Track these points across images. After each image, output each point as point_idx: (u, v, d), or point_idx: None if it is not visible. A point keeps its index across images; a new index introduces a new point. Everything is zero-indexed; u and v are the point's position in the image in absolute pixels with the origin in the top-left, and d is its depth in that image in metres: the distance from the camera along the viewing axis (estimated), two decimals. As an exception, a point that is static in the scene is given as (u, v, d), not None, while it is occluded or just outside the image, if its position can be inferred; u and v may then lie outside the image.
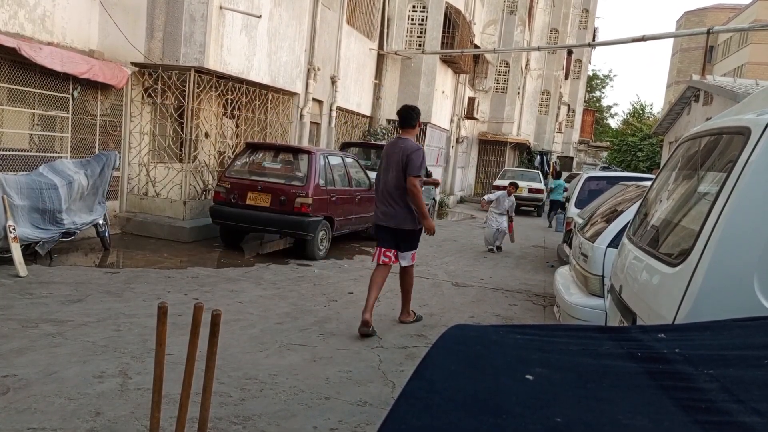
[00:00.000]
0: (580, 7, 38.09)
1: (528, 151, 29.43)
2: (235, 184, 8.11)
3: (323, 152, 8.76)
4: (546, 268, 9.56)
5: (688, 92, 16.50)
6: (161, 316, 2.15)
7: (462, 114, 21.23)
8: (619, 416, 0.88)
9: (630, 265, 3.01)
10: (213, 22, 8.48)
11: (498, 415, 0.89)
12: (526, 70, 28.63)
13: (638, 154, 37.47)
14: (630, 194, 5.78)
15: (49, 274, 6.02)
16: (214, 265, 7.33)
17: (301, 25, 11.18)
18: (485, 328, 1.25)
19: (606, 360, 1.07)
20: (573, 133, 42.42)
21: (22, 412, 3.12)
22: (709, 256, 2.11)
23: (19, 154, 7.21)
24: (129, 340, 4.33)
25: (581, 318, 4.48)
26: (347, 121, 15.05)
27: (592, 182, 10.07)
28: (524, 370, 1.03)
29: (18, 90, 7.01)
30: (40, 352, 3.96)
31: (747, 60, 44.35)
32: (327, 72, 12.99)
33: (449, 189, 20.95)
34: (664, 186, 3.31)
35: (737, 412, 0.87)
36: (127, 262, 7.12)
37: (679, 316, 2.17)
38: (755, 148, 2.11)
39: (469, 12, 19.33)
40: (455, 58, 17.42)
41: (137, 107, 8.98)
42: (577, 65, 40.35)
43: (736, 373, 0.98)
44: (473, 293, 7.25)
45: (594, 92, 58.55)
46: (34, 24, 7.18)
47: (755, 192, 2.09)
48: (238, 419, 3.30)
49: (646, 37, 12.90)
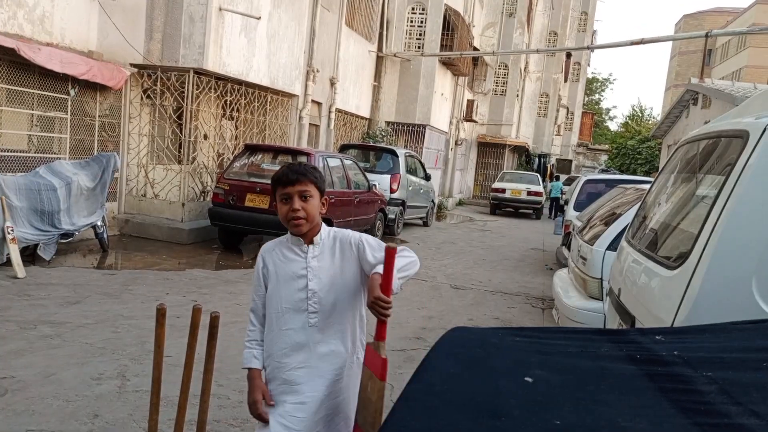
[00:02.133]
0: (579, 10, 38.20)
1: (527, 154, 29.46)
2: (234, 186, 8.11)
3: (322, 154, 8.76)
4: (545, 270, 9.56)
5: (687, 95, 16.54)
6: (160, 318, 2.14)
7: (461, 116, 21.26)
8: (618, 419, 0.88)
9: (629, 268, 3.01)
10: (212, 24, 8.48)
11: (497, 417, 0.89)
12: (525, 73, 28.68)
13: (637, 157, 37.53)
14: (628, 197, 5.78)
15: (48, 276, 6.01)
16: (212, 267, 7.33)
17: (300, 26, 11.19)
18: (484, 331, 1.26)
19: (605, 362, 1.07)
20: (572, 136, 42.51)
21: (20, 413, 3.12)
22: (708, 259, 2.11)
23: (17, 155, 7.21)
24: (127, 342, 4.32)
25: (580, 321, 4.48)
26: (346, 123, 15.07)
27: (591, 185, 10.08)
28: (523, 372, 1.03)
29: (17, 91, 7.01)
30: (38, 353, 3.96)
31: (745, 63, 44.46)
32: (326, 74, 13.01)
33: (448, 191, 20.96)
34: (662, 189, 3.31)
35: (736, 415, 0.87)
36: (125, 264, 7.11)
37: (677, 319, 2.17)
38: (753, 152, 2.12)
39: (468, 14, 19.37)
40: (454, 61, 17.45)
41: (136, 108, 8.98)
42: (576, 68, 40.46)
43: (734, 375, 0.98)
44: (472, 296, 7.25)
45: (593, 95, 58.66)
46: (33, 25, 7.18)
47: (753, 195, 2.09)
48: (236, 421, 3.29)
49: (644, 40, 12.94)
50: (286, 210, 1.98)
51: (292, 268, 2.04)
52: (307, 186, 1.99)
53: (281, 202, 2.00)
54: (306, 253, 2.04)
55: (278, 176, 2.02)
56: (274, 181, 2.03)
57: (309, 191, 1.99)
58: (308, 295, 2.00)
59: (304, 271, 2.02)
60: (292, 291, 2.02)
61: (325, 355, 2.02)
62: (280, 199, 2.00)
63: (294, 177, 1.98)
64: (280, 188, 2.01)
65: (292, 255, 2.05)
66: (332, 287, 2.03)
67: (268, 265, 2.09)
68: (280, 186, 2.00)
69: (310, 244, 2.04)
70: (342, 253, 2.07)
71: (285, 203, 1.99)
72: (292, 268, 2.04)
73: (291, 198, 1.98)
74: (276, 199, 2.03)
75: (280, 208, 2.01)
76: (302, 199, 1.98)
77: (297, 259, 2.04)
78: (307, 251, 2.04)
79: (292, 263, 2.05)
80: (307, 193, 1.99)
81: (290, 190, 1.98)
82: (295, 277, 2.03)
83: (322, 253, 2.05)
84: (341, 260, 2.06)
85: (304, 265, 2.02)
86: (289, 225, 2.00)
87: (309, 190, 1.99)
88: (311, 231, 2.03)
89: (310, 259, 2.03)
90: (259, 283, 2.12)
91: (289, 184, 1.98)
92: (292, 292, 2.02)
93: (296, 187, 1.98)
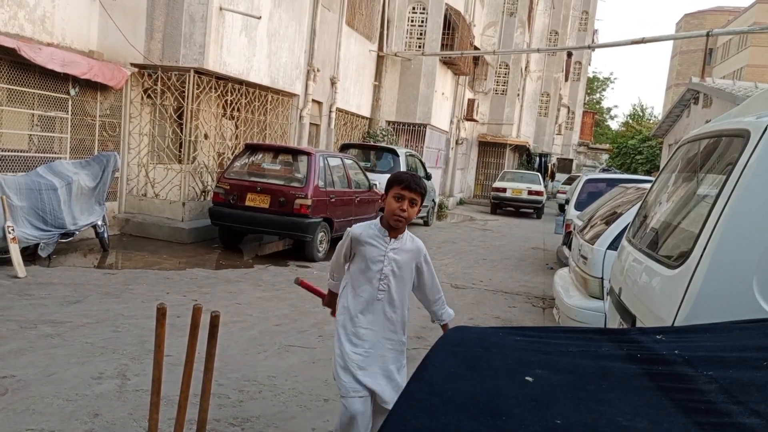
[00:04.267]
0: (580, 9, 38.18)
1: (528, 153, 29.44)
2: (235, 186, 8.11)
3: (323, 153, 8.76)
4: (545, 270, 9.55)
5: (688, 94, 16.51)
6: (160, 317, 2.14)
7: (462, 116, 21.24)
8: (619, 418, 0.88)
9: (629, 268, 3.01)
10: (213, 23, 8.48)
11: (497, 416, 0.89)
12: (526, 72, 28.66)
13: (638, 156, 37.51)
14: (629, 196, 5.78)
15: (48, 275, 6.01)
16: (213, 267, 7.33)
17: (300, 26, 11.19)
18: (485, 330, 1.25)
19: (605, 362, 1.07)
20: (573, 135, 42.49)
21: (21, 413, 3.12)
22: (709, 259, 2.11)
23: (18, 154, 7.21)
24: (127, 342, 4.32)
25: (581, 320, 4.48)
26: (347, 123, 15.06)
27: (592, 184, 10.08)
28: (524, 372, 1.03)
29: (17, 90, 7.01)
30: (38, 353, 3.96)
31: (746, 62, 44.44)
32: (326, 73, 13.00)
33: (449, 191, 20.95)
34: (663, 188, 3.31)
35: (736, 414, 0.87)
36: (125, 263, 7.11)
37: (678, 318, 2.17)
38: (754, 151, 2.11)
39: (469, 14, 19.35)
40: (455, 60, 17.44)
41: (137, 108, 8.98)
42: (576, 67, 40.44)
43: (735, 374, 0.98)
44: (472, 295, 7.25)
45: (594, 94, 58.64)
46: (34, 25, 7.18)
47: (754, 194, 2.09)
48: (236, 421, 3.29)
49: (645, 40, 12.93)
50: (396, 207, 2.48)
51: (373, 253, 2.56)
52: (418, 197, 2.51)
53: (393, 198, 2.49)
54: (388, 244, 2.57)
55: (401, 179, 2.52)
56: (396, 181, 2.52)
57: (417, 201, 2.53)
58: (380, 276, 2.55)
59: (382, 258, 2.55)
60: (371, 269, 2.56)
61: (386, 321, 2.58)
62: (394, 196, 2.49)
63: (414, 186, 2.50)
64: (398, 188, 2.49)
65: (375, 242, 2.57)
66: (397, 277, 2.57)
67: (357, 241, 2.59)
68: (400, 187, 2.49)
69: (393, 238, 2.57)
70: (411, 256, 2.61)
71: (397, 201, 2.49)
72: (373, 253, 2.56)
73: (404, 199, 2.48)
74: (388, 193, 2.53)
75: (390, 202, 2.50)
76: (411, 205, 2.50)
77: (380, 246, 2.57)
78: (388, 243, 2.56)
79: (375, 249, 2.57)
80: (416, 202, 2.52)
81: (406, 194, 2.48)
82: (374, 260, 2.56)
83: (400, 248, 2.58)
84: (408, 261, 2.61)
85: (384, 253, 2.56)
86: (391, 218, 2.51)
87: (417, 200, 2.52)
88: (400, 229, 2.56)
89: (389, 250, 2.56)
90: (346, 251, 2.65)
91: (408, 189, 2.48)
92: (370, 269, 2.56)
93: (412, 194, 2.48)
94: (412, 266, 2.62)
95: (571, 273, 5.38)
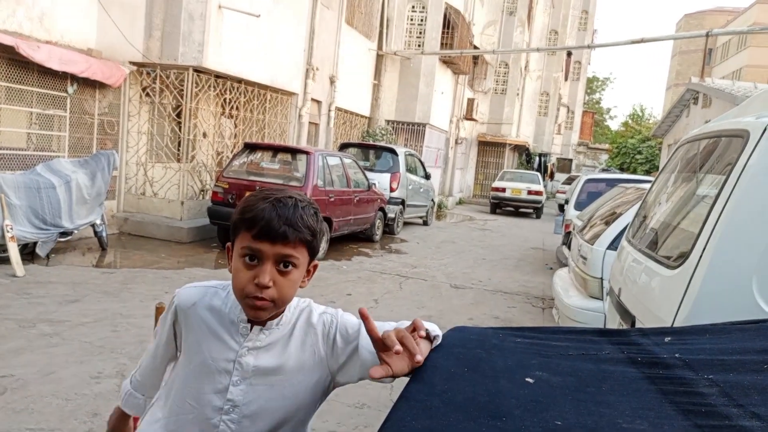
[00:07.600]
0: (580, 9, 38.20)
1: (527, 153, 29.46)
2: (233, 185, 8.10)
3: (322, 153, 8.75)
4: (545, 270, 9.56)
5: (687, 95, 16.54)
6: (158, 316, 2.14)
7: (461, 115, 21.25)
8: (619, 420, 0.88)
9: (629, 268, 3.01)
10: (212, 22, 8.47)
11: (497, 418, 0.89)
12: (526, 72, 28.67)
13: (637, 156, 37.56)
14: (629, 196, 5.78)
15: (47, 274, 6.01)
16: (211, 266, 7.32)
17: (300, 24, 11.18)
18: (484, 331, 1.25)
19: (606, 365, 1.07)
20: (572, 135, 42.54)
21: (20, 412, 3.11)
22: (708, 259, 2.11)
23: (16, 153, 7.20)
24: (126, 341, 4.32)
25: (580, 320, 4.48)
26: (346, 122, 15.06)
27: (591, 184, 10.09)
28: (524, 373, 1.03)
29: (16, 88, 6.99)
30: (37, 352, 3.95)
31: (746, 63, 44.47)
32: (326, 72, 12.99)
33: (448, 190, 20.96)
34: (663, 188, 3.31)
35: (737, 417, 0.87)
36: (124, 263, 7.10)
37: (678, 319, 2.17)
38: (754, 151, 2.11)
39: (468, 13, 19.35)
40: (454, 59, 17.44)
41: (135, 106, 8.97)
42: (576, 67, 40.47)
43: (735, 378, 0.98)
44: (472, 295, 7.25)
45: (593, 94, 58.70)
46: (33, 22, 7.17)
47: (754, 194, 2.09)
48: (235, 420, 3.29)
49: (645, 39, 12.94)
50: (247, 279, 1.16)
51: (214, 353, 1.25)
52: (295, 249, 1.18)
53: (242, 259, 1.18)
54: (244, 337, 1.25)
55: (255, 218, 1.16)
56: (242, 221, 1.18)
57: (294, 257, 1.18)
58: (223, 404, 1.24)
59: (230, 366, 1.24)
60: (204, 388, 1.25)
61: None
62: (243, 254, 1.17)
63: (281, 229, 1.15)
64: (249, 238, 1.16)
65: (221, 331, 1.26)
66: (267, 405, 1.25)
67: (182, 326, 1.31)
68: (254, 237, 1.16)
69: (257, 326, 1.25)
70: (305, 345, 1.28)
71: (249, 266, 1.17)
72: (214, 353, 1.25)
73: (263, 261, 1.16)
74: (233, 248, 1.21)
75: (238, 268, 1.18)
76: (281, 268, 1.18)
77: (227, 341, 1.25)
78: (246, 335, 1.25)
79: (217, 345, 1.25)
80: (292, 260, 1.18)
81: (266, 250, 1.16)
82: (215, 369, 1.25)
83: (272, 345, 1.26)
84: (299, 357, 1.26)
85: (233, 357, 1.24)
86: (244, 302, 1.20)
87: (295, 256, 1.18)
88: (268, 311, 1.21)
89: (246, 351, 1.24)
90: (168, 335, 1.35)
91: (269, 239, 1.15)
92: (203, 388, 1.25)
93: (277, 247, 1.16)
94: (310, 381, 1.27)
95: (571, 273, 5.38)
